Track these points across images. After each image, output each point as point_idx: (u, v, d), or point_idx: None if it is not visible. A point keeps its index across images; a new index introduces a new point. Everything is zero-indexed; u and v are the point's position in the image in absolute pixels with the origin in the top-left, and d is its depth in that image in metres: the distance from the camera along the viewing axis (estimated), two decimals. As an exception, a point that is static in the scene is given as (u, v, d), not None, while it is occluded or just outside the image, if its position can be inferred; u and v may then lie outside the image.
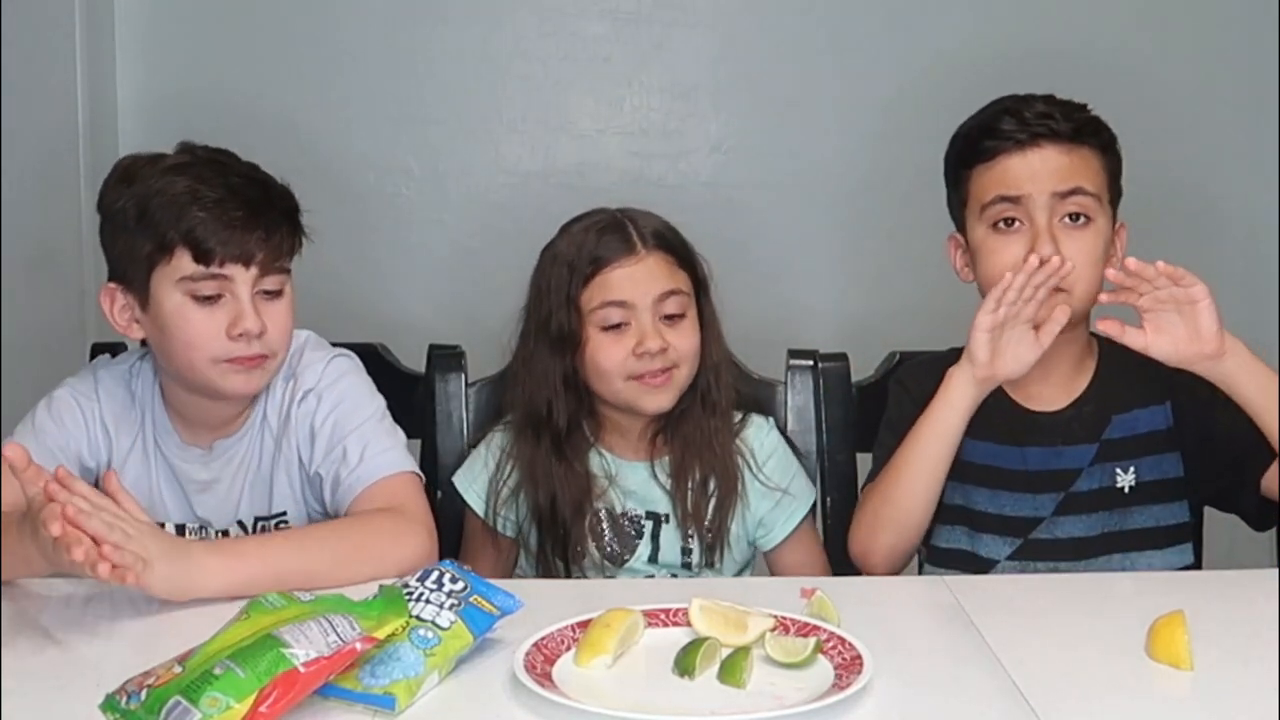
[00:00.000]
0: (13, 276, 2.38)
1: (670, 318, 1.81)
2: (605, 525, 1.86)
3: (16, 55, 2.38)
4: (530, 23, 2.84)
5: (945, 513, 1.84)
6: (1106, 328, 1.67)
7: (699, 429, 1.85)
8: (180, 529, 1.76)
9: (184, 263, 1.62)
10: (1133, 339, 1.66)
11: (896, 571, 1.79)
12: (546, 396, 1.83)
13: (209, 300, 1.64)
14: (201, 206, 1.61)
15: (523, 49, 2.85)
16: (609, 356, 1.80)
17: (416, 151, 2.86)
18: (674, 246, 1.84)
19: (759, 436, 1.90)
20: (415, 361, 2.03)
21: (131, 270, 1.66)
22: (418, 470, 1.74)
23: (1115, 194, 1.80)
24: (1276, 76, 2.82)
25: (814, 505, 1.93)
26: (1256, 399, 1.67)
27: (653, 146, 2.87)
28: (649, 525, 1.87)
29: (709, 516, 1.85)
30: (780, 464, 1.90)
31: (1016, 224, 1.74)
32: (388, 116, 2.83)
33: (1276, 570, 1.58)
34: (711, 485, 1.85)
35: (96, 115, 2.66)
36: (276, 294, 1.68)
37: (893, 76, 2.84)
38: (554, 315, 1.82)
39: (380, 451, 1.71)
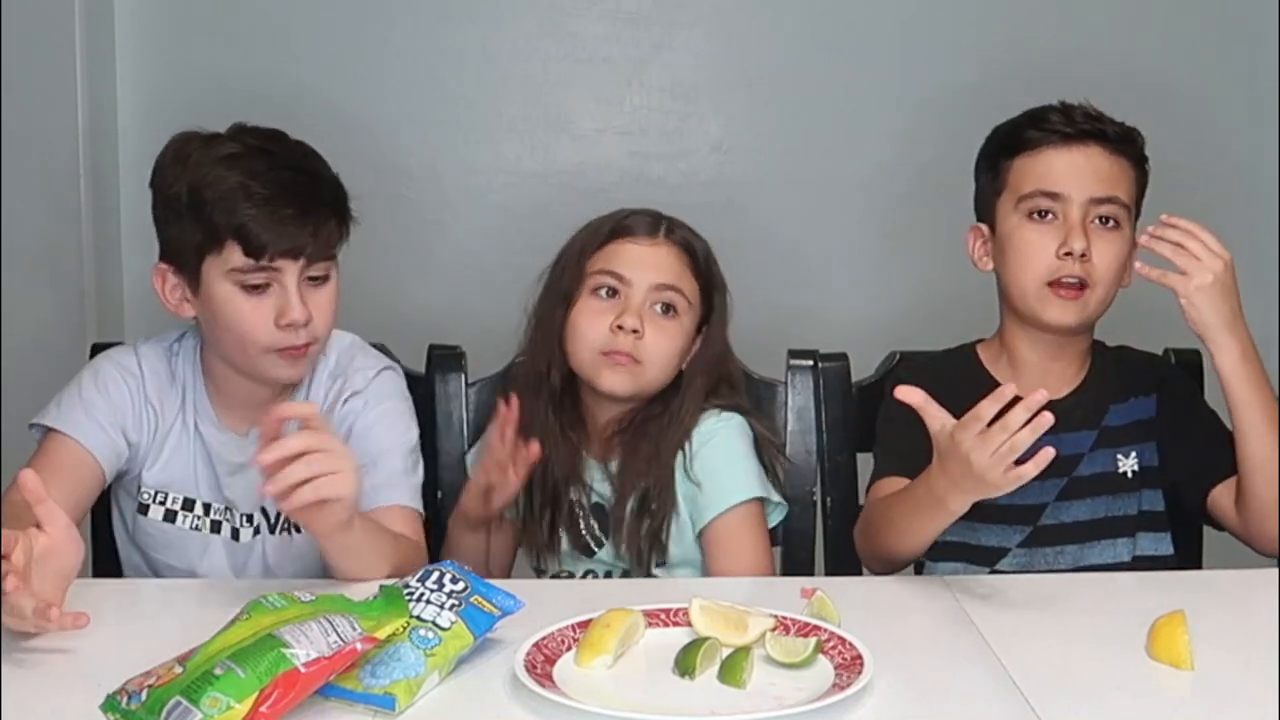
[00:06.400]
0: (13, 276, 2.38)
1: (667, 309, 1.81)
2: (588, 512, 1.86)
3: (16, 55, 2.38)
4: (530, 23, 2.84)
5: None
6: (1148, 273, 1.70)
7: (652, 443, 1.82)
8: (207, 507, 1.79)
9: (234, 255, 1.65)
10: (1173, 281, 1.68)
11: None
12: (547, 354, 1.85)
13: (257, 289, 1.67)
14: (252, 203, 1.64)
15: (523, 49, 2.84)
16: (590, 321, 1.81)
17: (416, 151, 2.85)
18: (694, 252, 1.85)
19: (703, 426, 1.84)
20: (415, 361, 2.03)
21: (183, 255, 1.69)
22: (423, 513, 1.80)
23: (1138, 212, 1.84)
24: (1277, 83, 2.82)
25: (761, 500, 1.83)
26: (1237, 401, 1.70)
27: (653, 146, 2.87)
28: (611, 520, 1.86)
29: (642, 537, 1.82)
30: (712, 453, 1.82)
31: (1050, 216, 1.78)
32: (387, 117, 2.83)
33: (1277, 570, 1.58)
34: (652, 505, 1.81)
35: (96, 115, 2.65)
36: (322, 280, 1.71)
37: (893, 77, 2.84)
38: (565, 273, 1.85)
39: (407, 481, 1.77)
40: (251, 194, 1.64)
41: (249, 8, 2.80)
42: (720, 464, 1.83)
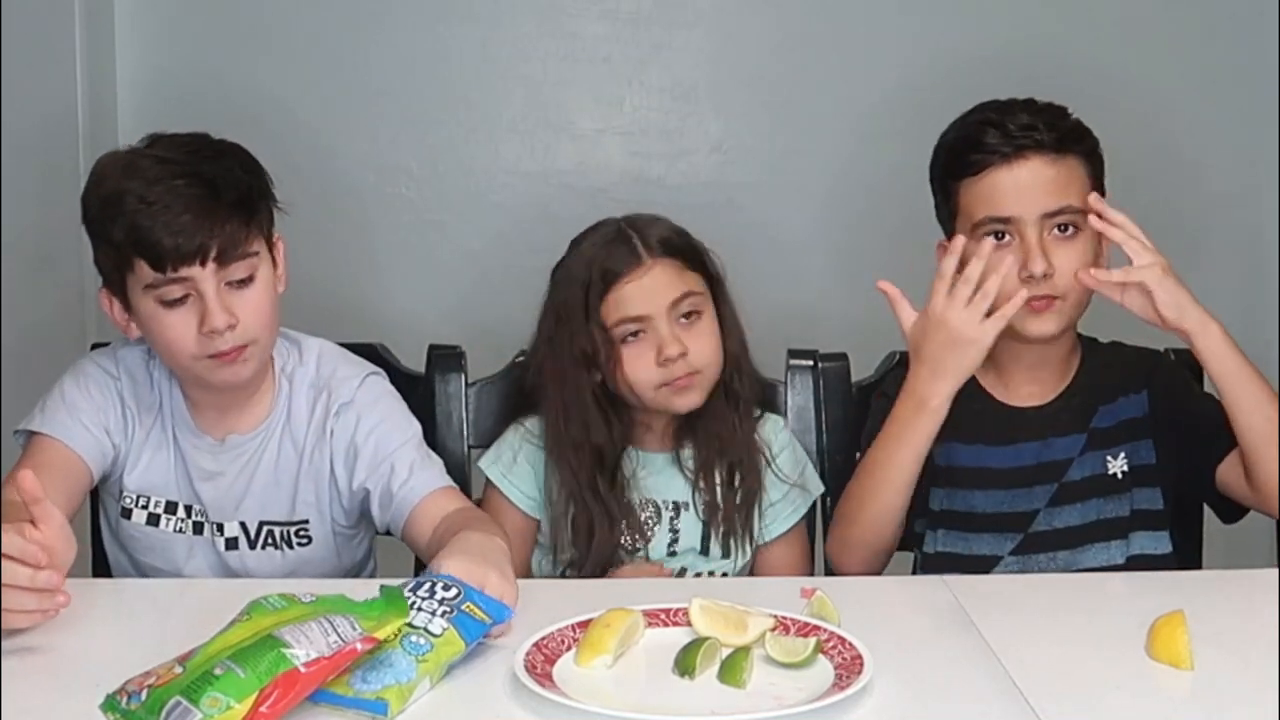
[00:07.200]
0: (12, 276, 2.38)
1: (688, 316, 1.82)
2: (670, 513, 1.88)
3: (16, 55, 2.38)
4: (530, 23, 2.84)
5: (938, 518, 1.86)
6: (1109, 277, 1.70)
7: (723, 423, 1.87)
8: (189, 510, 1.79)
9: (144, 271, 1.63)
10: (1139, 272, 1.68)
11: (874, 572, 1.81)
12: (582, 418, 1.83)
13: (177, 303, 1.64)
14: (146, 215, 1.61)
15: (523, 49, 2.84)
16: (635, 370, 1.81)
17: (416, 151, 2.85)
18: (681, 250, 1.84)
19: (774, 432, 1.93)
20: (415, 361, 2.03)
21: (110, 277, 1.69)
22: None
23: (1100, 196, 1.80)
24: (1277, 78, 2.81)
25: (813, 507, 1.94)
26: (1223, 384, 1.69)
27: (653, 146, 2.87)
28: (669, 514, 1.88)
29: (736, 509, 1.87)
30: (791, 459, 1.93)
31: (1007, 237, 1.76)
32: (388, 116, 2.83)
33: (1276, 570, 1.58)
34: (737, 480, 1.87)
35: (96, 115, 2.65)
36: (246, 281, 1.67)
37: (893, 76, 2.84)
38: (574, 337, 1.82)
39: (428, 467, 1.77)
40: (146, 203, 1.61)
41: (249, 8, 2.80)
42: (798, 472, 1.92)
